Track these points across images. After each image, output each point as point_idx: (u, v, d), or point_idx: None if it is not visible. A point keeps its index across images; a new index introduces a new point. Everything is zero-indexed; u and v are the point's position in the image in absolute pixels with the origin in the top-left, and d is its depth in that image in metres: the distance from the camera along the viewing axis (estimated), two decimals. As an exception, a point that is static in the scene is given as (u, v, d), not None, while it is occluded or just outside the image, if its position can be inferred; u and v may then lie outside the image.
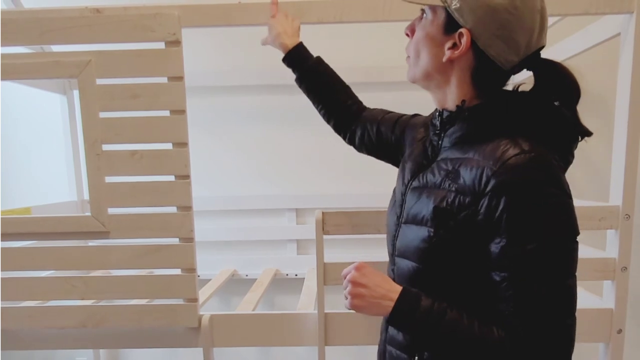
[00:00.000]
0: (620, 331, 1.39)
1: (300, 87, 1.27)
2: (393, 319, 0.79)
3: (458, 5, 0.77)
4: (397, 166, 1.07)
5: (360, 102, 1.26)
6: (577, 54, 1.59)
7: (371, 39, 2.19)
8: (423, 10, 0.86)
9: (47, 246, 1.44)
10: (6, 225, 1.41)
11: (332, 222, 1.39)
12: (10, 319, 1.46)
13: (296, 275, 2.33)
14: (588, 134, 0.83)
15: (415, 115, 1.11)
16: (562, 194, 0.74)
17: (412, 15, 0.95)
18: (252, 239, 2.36)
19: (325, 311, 1.43)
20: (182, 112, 1.36)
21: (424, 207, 0.82)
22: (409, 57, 0.89)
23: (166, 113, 1.36)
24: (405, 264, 0.86)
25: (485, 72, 0.81)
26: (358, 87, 2.19)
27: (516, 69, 0.82)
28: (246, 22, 1.35)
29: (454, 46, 0.80)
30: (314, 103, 1.28)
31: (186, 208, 1.39)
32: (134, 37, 1.33)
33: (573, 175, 2.21)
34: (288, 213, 2.33)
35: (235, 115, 2.30)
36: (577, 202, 1.60)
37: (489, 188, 0.73)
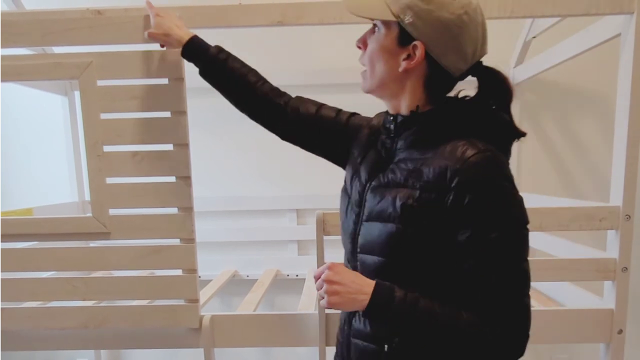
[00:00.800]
0: (620, 331, 1.39)
1: (208, 81, 1.22)
2: (370, 311, 0.83)
3: (411, 20, 0.83)
4: (333, 160, 1.15)
5: (277, 89, 1.22)
6: (578, 55, 1.59)
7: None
8: (375, 24, 0.90)
9: (48, 247, 1.44)
10: (8, 226, 1.41)
11: (333, 223, 1.39)
12: (11, 320, 1.46)
13: (297, 275, 2.33)
14: (523, 134, 0.91)
15: (354, 114, 1.16)
16: (513, 187, 0.82)
17: None
18: (253, 240, 2.36)
19: (326, 312, 1.44)
20: (183, 113, 1.36)
21: (390, 204, 0.87)
22: (364, 71, 0.94)
23: (167, 114, 1.37)
24: (372, 260, 0.90)
25: (437, 79, 0.88)
26: (356, 88, 2.21)
27: (463, 76, 0.89)
28: (246, 23, 1.35)
29: (409, 57, 0.86)
30: (228, 97, 1.24)
31: (187, 209, 1.39)
32: (135, 38, 1.33)
33: (573, 176, 2.23)
34: (289, 213, 2.34)
35: (236, 116, 2.28)
36: (577, 203, 1.62)
37: (453, 184, 0.80)
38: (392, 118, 0.93)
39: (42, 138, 2.35)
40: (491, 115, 0.88)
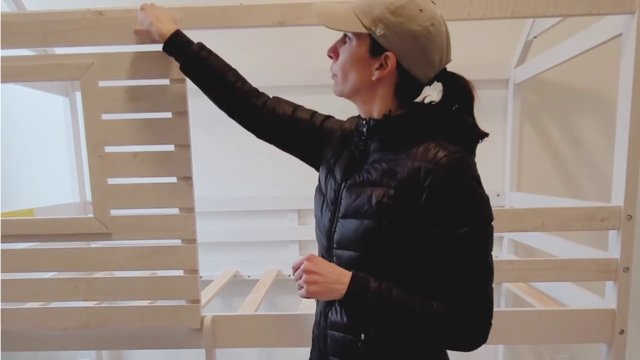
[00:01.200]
0: (622, 332, 1.39)
1: (188, 76, 1.24)
2: (347, 300, 0.88)
3: (382, 32, 0.88)
4: (306, 160, 1.21)
5: (256, 89, 1.25)
6: (579, 54, 1.59)
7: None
8: (346, 35, 0.94)
9: (49, 247, 1.44)
10: (9, 226, 1.41)
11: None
12: (13, 320, 1.46)
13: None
14: (486, 135, 0.96)
15: (328, 117, 1.21)
16: (480, 187, 0.88)
17: None
18: (254, 240, 2.36)
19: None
20: (184, 113, 1.37)
21: (366, 202, 0.92)
22: (335, 75, 0.98)
23: (168, 115, 1.37)
24: (348, 254, 0.95)
25: (407, 86, 0.94)
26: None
27: (430, 82, 0.95)
28: (247, 24, 1.35)
29: (381, 66, 0.91)
30: (207, 94, 1.25)
31: (188, 209, 1.40)
32: (136, 39, 1.33)
33: (574, 176, 2.23)
34: (290, 214, 2.34)
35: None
36: (579, 203, 1.62)
37: (426, 183, 0.86)
38: (364, 122, 0.98)
39: (43, 139, 2.35)
40: (457, 119, 0.94)
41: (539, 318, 1.42)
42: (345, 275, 0.89)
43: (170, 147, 1.38)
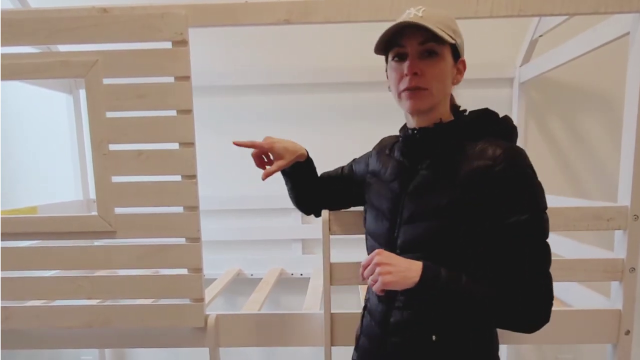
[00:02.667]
0: (628, 332, 1.38)
1: (290, 177, 1.34)
2: (421, 286, 0.91)
3: (457, 41, 0.99)
4: (359, 203, 1.28)
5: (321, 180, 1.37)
6: (586, 53, 1.58)
7: (373, 38, 2.19)
8: (425, 50, 0.98)
9: (53, 246, 1.44)
10: (12, 224, 1.41)
11: (339, 222, 1.39)
12: (17, 319, 1.46)
13: (301, 274, 2.33)
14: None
15: (353, 160, 1.34)
16: (536, 175, 0.94)
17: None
18: (258, 239, 2.36)
19: (332, 311, 1.43)
20: (189, 112, 1.36)
21: (432, 204, 0.97)
22: (424, 89, 0.98)
23: (173, 113, 1.36)
24: (413, 256, 0.97)
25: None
26: (362, 87, 2.22)
27: None
28: (253, 21, 1.34)
29: (458, 71, 1.03)
30: (295, 192, 1.37)
31: (192, 208, 1.39)
32: (141, 36, 1.33)
33: (579, 175, 2.22)
34: (293, 213, 2.33)
35: (241, 115, 2.30)
36: (585, 203, 1.61)
37: (490, 179, 0.91)
38: (414, 131, 1.04)
39: (46, 136, 2.35)
40: (501, 121, 1.03)
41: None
42: (416, 264, 0.93)
43: (175, 146, 1.38)
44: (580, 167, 2.23)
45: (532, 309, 0.91)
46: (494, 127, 1.01)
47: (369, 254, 1.11)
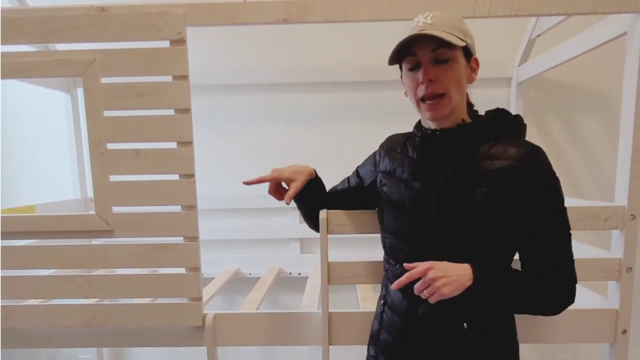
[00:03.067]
0: (625, 332, 1.39)
1: (305, 202, 1.35)
2: (476, 287, 0.96)
3: (468, 42, 1.01)
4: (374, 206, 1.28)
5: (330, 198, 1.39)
6: (584, 53, 1.58)
7: (365, 38, 2.20)
8: (437, 55, 1.00)
9: (51, 245, 1.44)
10: (10, 223, 1.41)
11: (336, 222, 1.39)
12: (16, 318, 1.46)
13: (299, 274, 2.33)
14: None
15: (357, 169, 1.34)
16: (555, 172, 1.01)
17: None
18: (256, 238, 2.36)
19: (330, 310, 1.44)
20: (187, 111, 1.36)
21: (463, 202, 1.01)
22: (443, 94, 1.01)
23: (171, 112, 1.36)
24: (447, 251, 1.01)
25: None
26: (360, 86, 2.22)
27: None
28: (252, 20, 1.34)
29: (472, 70, 1.06)
30: (308, 214, 1.38)
31: (190, 207, 1.39)
32: (139, 35, 1.33)
33: (577, 175, 2.23)
34: (291, 212, 2.33)
35: (240, 114, 2.30)
36: (582, 202, 1.61)
37: (517, 178, 0.98)
38: (438, 132, 1.06)
39: (44, 135, 2.35)
40: (515, 120, 1.09)
41: (541, 317, 1.41)
42: (464, 267, 0.97)
43: (173, 145, 1.38)
44: (577, 166, 2.23)
45: (564, 293, 1.01)
46: (509, 126, 1.07)
47: (388, 253, 1.17)
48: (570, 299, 1.02)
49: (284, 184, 1.31)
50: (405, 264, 0.99)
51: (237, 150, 2.32)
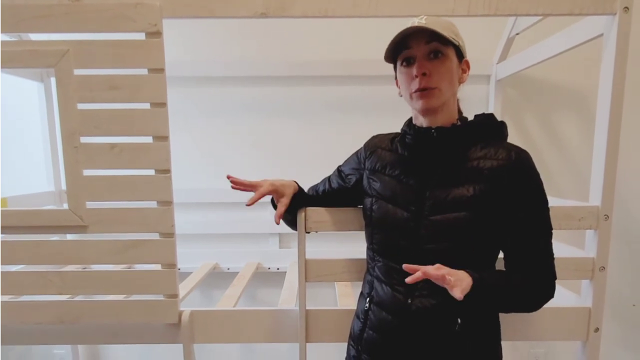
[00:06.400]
0: (597, 330, 1.41)
1: (290, 213, 1.36)
2: (472, 296, 0.97)
3: (460, 43, 1.07)
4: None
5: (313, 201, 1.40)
6: (561, 53, 1.60)
7: (353, 33, 2.19)
8: (431, 52, 1.05)
9: (23, 240, 1.40)
10: (-20, 218, 1.37)
11: (315, 219, 1.38)
12: (-17, 315, 1.43)
13: (278, 269, 2.32)
14: None
15: (338, 167, 1.35)
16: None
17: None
18: (234, 232, 2.34)
19: (307, 308, 1.43)
20: (163, 105, 1.33)
21: (458, 198, 1.04)
22: (434, 89, 1.05)
23: (146, 106, 1.33)
24: (441, 247, 1.05)
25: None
26: (345, 80, 2.21)
27: None
28: (229, 14, 1.32)
29: (462, 70, 1.11)
30: (292, 223, 1.40)
31: (166, 203, 1.37)
32: (114, 27, 1.30)
33: (553, 173, 2.25)
34: (270, 207, 2.30)
35: (218, 107, 2.27)
36: (558, 202, 1.63)
37: (509, 178, 1.03)
38: (433, 130, 1.09)
39: (17, 125, 2.28)
40: (501, 125, 1.15)
41: (516, 315, 1.43)
42: (465, 276, 0.98)
43: (149, 139, 1.35)
44: (554, 165, 2.26)
45: (546, 290, 1.06)
46: (497, 130, 1.13)
47: (376, 249, 1.16)
48: (550, 295, 1.07)
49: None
50: (404, 265, 0.99)
51: (215, 143, 2.29)
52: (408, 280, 0.96)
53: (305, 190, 1.39)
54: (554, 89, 2.21)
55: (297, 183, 1.35)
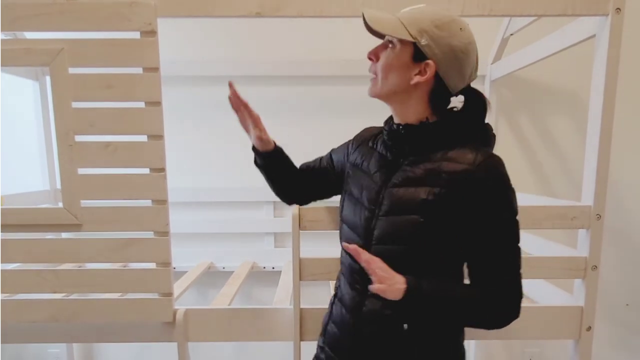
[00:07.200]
0: (589, 328, 1.42)
1: (263, 169, 1.34)
2: (405, 300, 0.96)
3: (426, 42, 0.98)
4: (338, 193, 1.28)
5: (299, 171, 1.37)
6: (555, 54, 1.61)
7: (349, 32, 2.19)
8: (389, 42, 1.02)
9: (18, 238, 1.40)
10: (-26, 216, 1.37)
11: (309, 218, 1.39)
12: (-23, 314, 1.43)
13: (273, 268, 2.33)
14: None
15: (331, 150, 1.34)
16: (510, 182, 0.99)
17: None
18: (230, 232, 2.34)
19: (301, 307, 1.44)
20: (158, 103, 1.34)
21: (411, 200, 1.00)
22: (375, 77, 1.06)
23: (141, 104, 1.34)
24: (390, 249, 1.02)
25: (439, 94, 1.03)
26: (334, 80, 2.21)
27: (457, 94, 1.06)
28: (224, 13, 1.32)
29: (419, 72, 1.01)
30: (273, 183, 1.37)
31: (161, 201, 1.37)
32: (109, 26, 1.30)
33: (547, 172, 2.27)
34: (266, 206, 2.33)
35: (212, 106, 2.27)
36: (550, 201, 1.64)
37: (469, 183, 0.96)
38: (400, 127, 1.06)
39: (12, 123, 2.28)
40: (483, 127, 1.07)
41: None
42: (400, 282, 0.96)
43: (143, 138, 1.35)
44: (548, 165, 2.27)
45: (507, 308, 0.99)
46: (476, 133, 1.05)
47: (343, 241, 1.15)
48: (515, 314, 0.99)
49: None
50: (344, 243, 1.02)
51: (211, 142, 2.29)
52: (346, 246, 1.00)
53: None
54: (548, 89, 2.22)
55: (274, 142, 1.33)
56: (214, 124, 2.28)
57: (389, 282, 0.96)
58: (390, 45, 1.02)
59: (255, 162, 1.34)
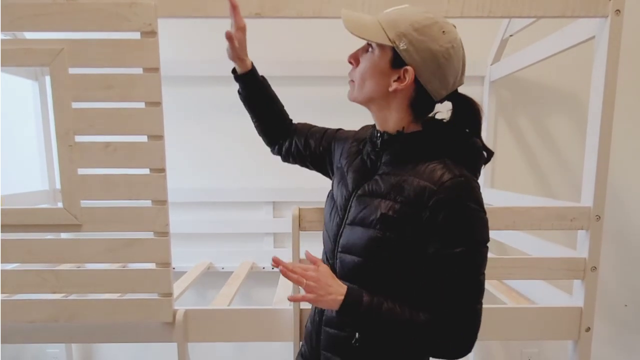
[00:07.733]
0: (588, 329, 1.42)
1: (245, 99, 1.32)
2: (341, 311, 0.94)
3: (405, 47, 0.92)
4: (323, 173, 1.29)
5: (289, 116, 1.37)
6: (554, 55, 1.61)
7: (347, 32, 2.19)
8: (369, 45, 0.98)
9: (18, 238, 1.40)
10: (-26, 216, 1.37)
11: (309, 218, 1.39)
12: (-23, 314, 1.43)
13: (273, 268, 2.33)
14: (492, 153, 1.02)
15: (339, 129, 1.28)
16: (481, 210, 0.92)
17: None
18: (229, 232, 2.35)
19: (301, 307, 1.44)
20: (158, 104, 1.33)
21: (372, 212, 0.97)
22: (352, 81, 1.03)
23: (141, 105, 1.34)
24: (351, 259, 1.00)
25: (421, 101, 0.97)
26: (333, 81, 2.21)
27: (442, 101, 0.99)
28: (224, 14, 1.31)
29: (399, 79, 0.95)
30: (255, 116, 1.35)
31: (161, 202, 1.37)
32: (109, 26, 1.29)
33: (546, 173, 2.27)
34: (265, 206, 2.33)
35: (213, 107, 2.27)
36: (550, 202, 1.64)
37: (430, 203, 0.90)
38: (378, 134, 1.03)
39: (12, 123, 2.28)
40: (466, 140, 0.99)
41: (508, 315, 1.45)
42: (339, 293, 0.94)
43: (143, 138, 1.35)
44: (548, 165, 2.27)
45: (453, 342, 0.92)
46: (461, 146, 0.98)
47: (323, 242, 1.15)
48: (462, 348, 0.92)
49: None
50: (306, 252, 1.02)
51: (210, 143, 2.29)
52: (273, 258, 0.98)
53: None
54: (548, 90, 2.23)
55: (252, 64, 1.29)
56: (214, 124, 2.28)
57: (319, 292, 0.93)
58: (369, 49, 0.98)
59: (239, 93, 1.31)
